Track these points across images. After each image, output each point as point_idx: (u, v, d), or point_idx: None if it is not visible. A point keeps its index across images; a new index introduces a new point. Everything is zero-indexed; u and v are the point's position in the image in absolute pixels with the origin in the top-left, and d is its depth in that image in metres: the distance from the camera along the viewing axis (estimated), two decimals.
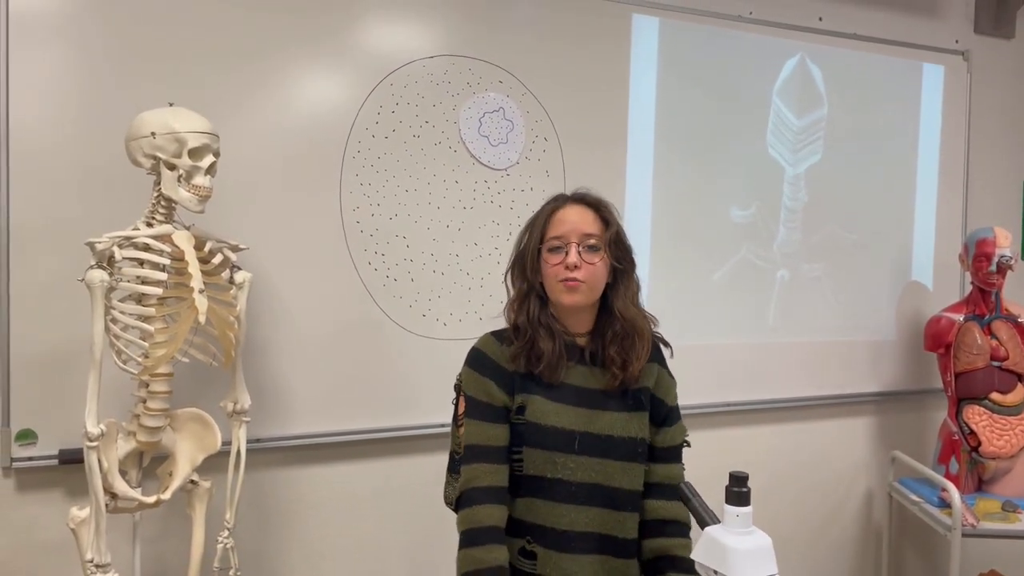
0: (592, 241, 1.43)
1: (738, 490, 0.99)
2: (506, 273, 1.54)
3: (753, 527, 0.99)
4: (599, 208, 1.47)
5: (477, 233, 2.32)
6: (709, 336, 2.65)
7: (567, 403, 1.43)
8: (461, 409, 1.49)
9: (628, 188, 2.50)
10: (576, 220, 1.44)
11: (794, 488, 2.85)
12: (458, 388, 1.53)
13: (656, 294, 2.55)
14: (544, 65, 2.37)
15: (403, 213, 2.23)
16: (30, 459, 1.88)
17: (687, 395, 1.54)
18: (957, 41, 3.03)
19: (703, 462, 1.73)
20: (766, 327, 2.74)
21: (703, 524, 1.07)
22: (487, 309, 2.29)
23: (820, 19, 2.80)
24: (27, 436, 1.88)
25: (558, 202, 1.49)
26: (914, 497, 2.68)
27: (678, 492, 1.17)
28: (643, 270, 2.53)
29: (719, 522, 1.02)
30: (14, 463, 1.88)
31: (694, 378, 2.62)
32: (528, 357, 1.43)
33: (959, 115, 3.02)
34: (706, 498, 1.13)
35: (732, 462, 1.52)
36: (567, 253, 1.41)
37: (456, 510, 1.44)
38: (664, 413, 1.50)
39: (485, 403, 1.44)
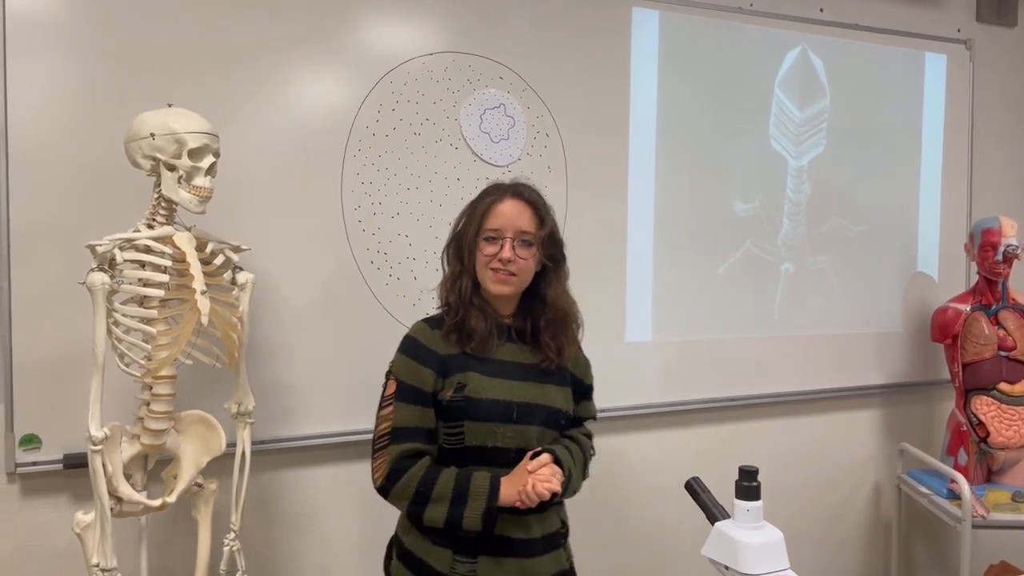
0: (526, 237, 1.54)
1: (748, 484, 0.98)
2: (443, 252, 1.63)
3: (764, 521, 0.98)
4: (536, 207, 1.57)
5: None
6: (714, 331, 2.63)
7: (504, 377, 1.53)
8: (390, 390, 1.54)
9: (630, 183, 2.49)
10: (513, 216, 1.54)
11: (801, 482, 2.84)
12: (389, 374, 1.58)
13: (660, 290, 2.54)
14: (544, 61, 2.36)
15: (405, 212, 2.22)
16: (34, 464, 1.88)
17: (691, 391, 1.53)
18: (959, 30, 3.01)
19: (711, 457, 1.72)
20: (771, 321, 2.73)
21: (713, 519, 1.05)
22: None
23: (821, 10, 2.78)
24: (31, 441, 1.87)
25: (497, 194, 1.57)
26: (923, 489, 2.67)
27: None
28: (647, 265, 2.54)
29: (729, 517, 1.01)
30: (18, 468, 1.87)
31: (699, 373, 2.62)
32: (460, 335, 1.53)
33: (962, 104, 3.00)
34: (714, 493, 1.12)
35: (739, 457, 1.51)
36: (502, 247, 1.52)
37: (388, 489, 1.48)
38: (584, 389, 1.69)
39: (415, 387, 1.51)
